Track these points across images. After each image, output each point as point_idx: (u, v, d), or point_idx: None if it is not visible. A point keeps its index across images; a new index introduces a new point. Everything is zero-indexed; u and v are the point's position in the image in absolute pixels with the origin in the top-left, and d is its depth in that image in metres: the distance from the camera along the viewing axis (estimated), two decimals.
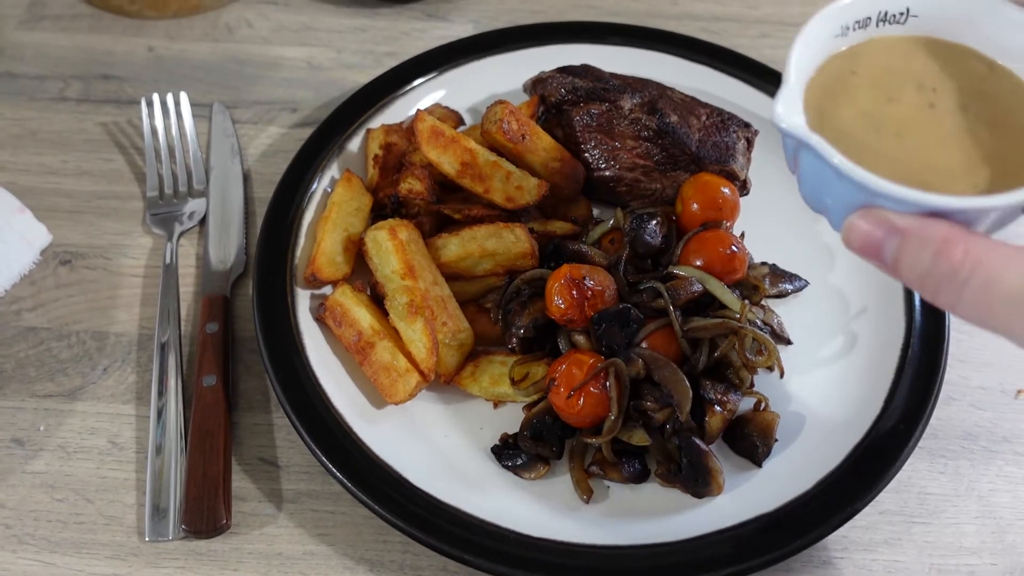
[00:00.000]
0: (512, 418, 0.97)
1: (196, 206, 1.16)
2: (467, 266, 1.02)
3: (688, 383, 0.90)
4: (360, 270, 1.04)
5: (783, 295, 1.06)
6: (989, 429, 1.01)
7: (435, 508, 0.88)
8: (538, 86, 1.15)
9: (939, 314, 1.01)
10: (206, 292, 1.07)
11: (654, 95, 1.11)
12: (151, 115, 1.24)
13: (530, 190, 1.05)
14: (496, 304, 1.01)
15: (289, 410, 0.93)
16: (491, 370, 0.98)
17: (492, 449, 0.95)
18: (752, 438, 0.94)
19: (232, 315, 1.07)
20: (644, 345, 0.93)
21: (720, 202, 1.03)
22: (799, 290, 1.07)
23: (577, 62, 1.17)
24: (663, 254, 1.02)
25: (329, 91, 1.31)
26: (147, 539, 0.90)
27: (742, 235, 1.04)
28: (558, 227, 1.07)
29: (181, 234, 1.13)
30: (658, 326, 0.94)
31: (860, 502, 0.88)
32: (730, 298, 0.95)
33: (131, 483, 0.95)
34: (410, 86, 1.21)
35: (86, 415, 0.99)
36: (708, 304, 0.97)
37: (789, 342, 1.03)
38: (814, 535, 0.86)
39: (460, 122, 1.20)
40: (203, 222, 1.15)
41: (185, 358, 1.03)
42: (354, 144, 1.16)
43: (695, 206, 1.03)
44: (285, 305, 1.01)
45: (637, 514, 0.91)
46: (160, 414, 0.97)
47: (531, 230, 1.03)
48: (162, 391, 0.98)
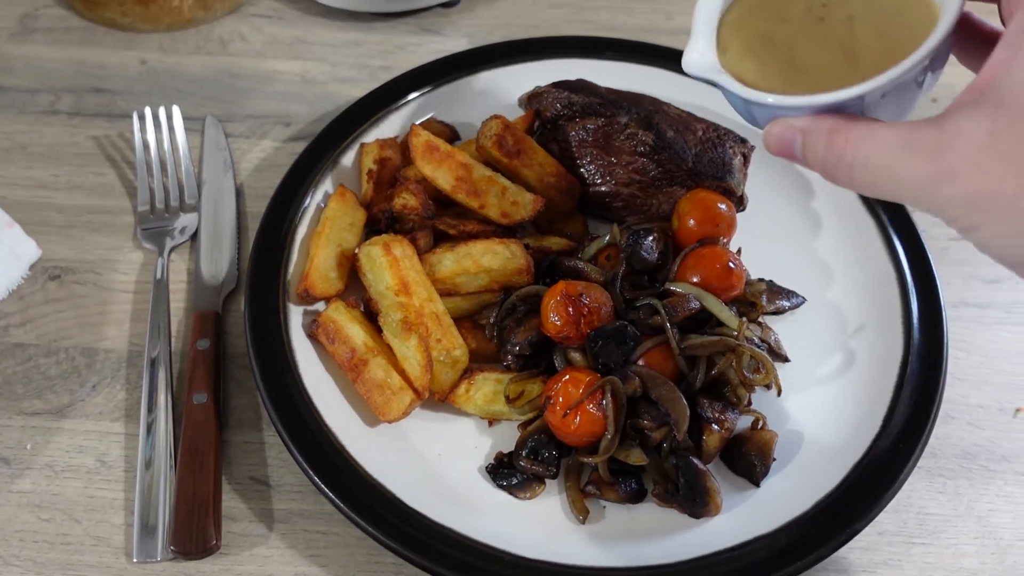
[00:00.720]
0: (507, 437, 0.96)
1: (188, 221, 1.15)
2: (462, 282, 1.01)
3: (685, 401, 0.89)
4: (354, 286, 1.03)
5: (780, 312, 1.05)
6: (988, 448, 1.00)
7: (429, 529, 0.87)
8: (533, 101, 1.14)
9: (938, 332, 1.00)
10: (197, 308, 1.05)
11: (650, 110, 1.10)
12: (143, 129, 1.23)
13: (526, 205, 1.04)
14: (491, 321, 1.00)
15: (281, 428, 0.91)
16: (486, 388, 0.97)
17: (487, 468, 0.94)
18: (750, 457, 0.93)
19: (223, 331, 1.05)
20: (641, 363, 0.93)
21: (717, 218, 1.02)
22: (796, 307, 1.06)
23: (572, 77, 1.16)
24: (659, 270, 1.01)
25: (323, 105, 1.30)
26: (135, 560, 0.88)
27: (739, 251, 1.03)
28: (554, 243, 1.07)
29: (172, 249, 1.12)
30: (655, 343, 0.93)
31: (860, 523, 0.87)
32: (727, 315, 0.95)
33: (119, 503, 0.93)
34: (404, 100, 1.21)
35: (74, 433, 0.98)
36: (705, 321, 0.96)
37: (787, 360, 1.02)
38: (813, 557, 0.85)
39: (455, 137, 1.19)
40: (195, 237, 1.14)
41: (175, 375, 1.01)
42: (348, 159, 1.15)
43: (692, 222, 1.02)
44: (277, 321, 0.99)
45: (634, 535, 0.90)
46: (149, 431, 0.95)
47: (527, 246, 1.03)
48: (152, 408, 0.97)
